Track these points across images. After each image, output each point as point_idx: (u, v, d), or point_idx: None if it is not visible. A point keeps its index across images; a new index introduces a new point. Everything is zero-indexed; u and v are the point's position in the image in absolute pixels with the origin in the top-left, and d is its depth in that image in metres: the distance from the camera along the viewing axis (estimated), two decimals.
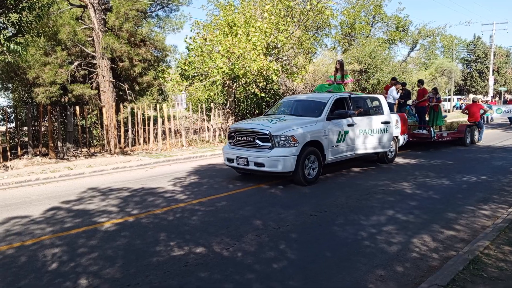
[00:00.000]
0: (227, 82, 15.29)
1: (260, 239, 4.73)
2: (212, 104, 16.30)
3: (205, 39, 14.68)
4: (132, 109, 13.62)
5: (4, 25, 9.17)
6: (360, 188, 7.45)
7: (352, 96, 9.09)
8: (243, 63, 13.87)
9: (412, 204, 6.30)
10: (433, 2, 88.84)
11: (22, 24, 9.02)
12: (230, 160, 8.01)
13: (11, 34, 9.11)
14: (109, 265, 4.05)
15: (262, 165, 7.26)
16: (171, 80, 15.63)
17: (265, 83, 16.03)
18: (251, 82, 15.45)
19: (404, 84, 14.33)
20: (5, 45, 8.47)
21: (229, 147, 8.20)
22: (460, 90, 55.28)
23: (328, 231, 5.04)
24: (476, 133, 14.70)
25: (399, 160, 10.90)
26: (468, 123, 14.67)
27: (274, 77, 15.08)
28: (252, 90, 15.77)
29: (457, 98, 34.62)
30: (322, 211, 5.91)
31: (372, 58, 24.88)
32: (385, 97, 13.84)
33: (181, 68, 15.44)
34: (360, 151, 8.90)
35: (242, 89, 16.97)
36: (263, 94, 15.51)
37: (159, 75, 15.61)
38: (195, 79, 15.59)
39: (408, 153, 12.01)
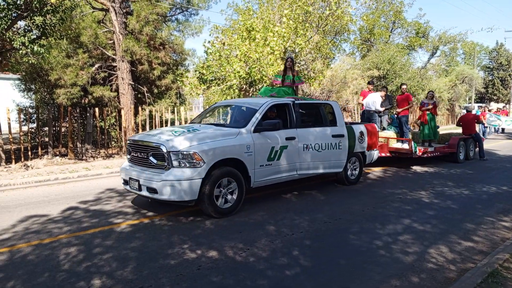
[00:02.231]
0: (244, 86, 15.33)
1: (273, 245, 4.71)
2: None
3: (223, 44, 14.77)
4: (150, 111, 13.78)
5: (29, 27, 9.41)
6: (376, 196, 7.36)
7: (296, 102, 7.26)
8: (259, 67, 13.90)
9: (429, 214, 6.19)
10: (455, 8, 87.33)
11: (46, 27, 9.24)
12: (125, 181, 6.31)
13: (35, 36, 9.34)
14: (123, 266, 4.09)
15: (155, 191, 5.59)
16: (189, 83, 15.75)
17: None
18: None
19: (385, 89, 12.79)
20: (29, 47, 8.70)
21: (127, 164, 6.50)
22: (481, 98, 54.09)
23: (342, 239, 4.99)
24: (473, 147, 12.66)
25: (417, 168, 10.72)
26: (463, 135, 12.59)
27: None
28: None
29: (478, 106, 33.81)
30: (337, 218, 5.86)
31: (391, 64, 24.56)
32: (361, 105, 12.59)
33: (199, 72, 15.53)
34: (304, 171, 7.14)
35: (258, 93, 16.98)
36: None
37: (178, 78, 15.73)
38: (212, 83, 15.68)
39: (426, 161, 11.79)
